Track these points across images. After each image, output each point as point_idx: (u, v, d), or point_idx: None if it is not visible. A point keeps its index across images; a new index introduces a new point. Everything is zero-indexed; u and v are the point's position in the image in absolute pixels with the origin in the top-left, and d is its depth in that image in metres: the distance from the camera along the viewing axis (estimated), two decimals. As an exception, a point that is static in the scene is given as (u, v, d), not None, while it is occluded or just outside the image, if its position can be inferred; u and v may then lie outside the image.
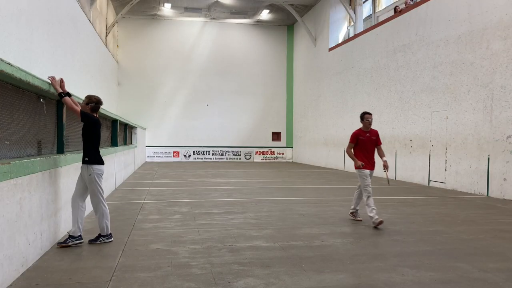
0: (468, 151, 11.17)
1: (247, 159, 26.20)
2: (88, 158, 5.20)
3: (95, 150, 5.27)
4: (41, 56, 10.39)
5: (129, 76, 24.68)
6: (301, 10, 23.52)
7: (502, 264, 4.56)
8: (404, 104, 14.22)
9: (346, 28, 20.81)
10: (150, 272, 4.13)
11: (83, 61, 15.09)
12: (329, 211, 7.85)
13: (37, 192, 4.42)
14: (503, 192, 9.97)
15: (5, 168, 3.50)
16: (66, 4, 12.63)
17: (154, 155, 25.03)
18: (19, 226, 3.92)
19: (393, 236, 5.88)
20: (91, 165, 5.17)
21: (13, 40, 8.52)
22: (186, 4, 22.92)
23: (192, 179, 14.04)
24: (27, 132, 4.73)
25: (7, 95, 4.17)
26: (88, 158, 5.19)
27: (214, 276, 4.05)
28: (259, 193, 10.53)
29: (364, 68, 17.09)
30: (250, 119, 26.37)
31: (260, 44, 26.40)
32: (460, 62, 11.61)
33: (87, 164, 5.17)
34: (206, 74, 25.70)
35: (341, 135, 19.19)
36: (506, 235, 6.00)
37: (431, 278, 4.06)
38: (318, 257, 4.76)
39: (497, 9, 10.42)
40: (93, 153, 5.23)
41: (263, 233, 5.94)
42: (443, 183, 12.10)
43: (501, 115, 10.17)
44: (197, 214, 7.42)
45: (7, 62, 3.63)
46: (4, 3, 8.04)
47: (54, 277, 3.96)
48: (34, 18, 9.82)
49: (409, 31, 13.99)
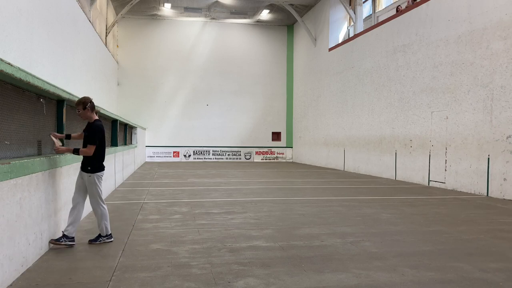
0: (468, 151, 11.17)
1: (247, 159, 26.20)
2: (91, 167, 5.12)
3: (99, 157, 5.20)
4: (41, 56, 10.38)
5: (129, 76, 24.68)
6: (301, 10, 23.52)
7: (502, 264, 4.56)
8: (404, 104, 14.21)
9: (346, 28, 20.80)
10: (150, 272, 4.13)
11: (83, 61, 15.09)
12: (329, 211, 7.85)
13: (37, 192, 4.42)
14: (503, 192, 9.97)
15: (5, 168, 3.50)
16: (66, 4, 12.63)
17: (154, 155, 25.03)
18: (19, 226, 3.92)
19: (393, 236, 5.88)
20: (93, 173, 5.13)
21: (13, 40, 8.52)
22: (186, 4, 22.92)
23: (192, 179, 14.04)
24: (27, 132, 4.73)
25: (7, 95, 4.17)
26: (91, 168, 5.12)
27: (214, 276, 4.05)
28: (259, 193, 10.53)
29: (364, 68, 17.09)
30: (250, 119, 26.37)
31: (260, 44, 26.40)
32: (460, 62, 11.61)
33: (88, 173, 5.12)
34: (206, 74, 25.70)
35: (341, 135, 19.19)
36: (506, 235, 6.00)
37: (431, 278, 4.06)
38: (318, 257, 4.76)
39: (497, 9, 10.42)
40: (96, 161, 5.16)
41: (263, 233, 5.94)
42: (443, 183, 12.10)
43: (501, 115, 10.17)
44: (197, 214, 7.42)
45: (7, 62, 3.62)
46: (4, 3, 8.04)
47: (54, 277, 3.96)
48: (34, 18, 9.82)
49: (409, 31, 13.99)
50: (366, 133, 16.82)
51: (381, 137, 15.71)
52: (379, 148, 15.79)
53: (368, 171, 16.62)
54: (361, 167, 17.24)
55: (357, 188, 11.94)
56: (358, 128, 17.51)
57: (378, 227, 6.47)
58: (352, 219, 7.13)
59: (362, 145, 17.16)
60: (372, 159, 16.30)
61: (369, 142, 16.60)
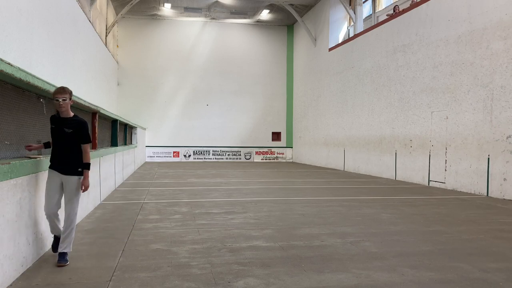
0: (468, 151, 11.17)
1: (247, 159, 26.20)
2: (81, 167, 4.41)
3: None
4: (41, 56, 10.38)
5: (129, 76, 24.69)
6: (301, 10, 23.52)
7: (502, 264, 4.56)
8: (404, 104, 14.22)
9: (346, 28, 20.81)
10: (150, 272, 4.13)
11: (83, 61, 15.09)
12: (329, 211, 7.85)
13: (37, 192, 4.43)
14: (503, 192, 9.97)
15: (5, 168, 3.50)
16: (66, 4, 12.63)
17: (154, 155, 25.03)
18: (19, 226, 3.92)
19: (393, 236, 5.88)
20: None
21: (13, 40, 8.52)
22: (186, 4, 22.92)
23: (192, 179, 14.04)
24: (27, 132, 4.73)
25: (7, 95, 4.17)
26: (81, 168, 4.41)
27: (214, 276, 4.05)
28: (259, 193, 10.53)
29: (364, 68, 17.09)
30: (250, 119, 26.37)
31: (260, 44, 26.40)
32: (460, 62, 11.61)
33: (78, 175, 4.40)
34: (206, 74, 25.70)
35: (341, 135, 19.19)
36: (506, 235, 6.00)
37: (431, 278, 4.06)
38: (318, 257, 4.76)
39: (497, 9, 10.42)
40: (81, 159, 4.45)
41: (263, 233, 5.94)
42: (443, 183, 12.10)
43: (501, 115, 10.17)
44: (197, 214, 7.42)
45: (7, 62, 3.63)
46: (4, 3, 8.04)
47: (54, 277, 3.96)
48: (34, 18, 9.82)
49: (409, 31, 13.99)
50: (366, 133, 16.82)
51: (381, 137, 15.70)
52: (379, 148, 15.79)
53: (368, 171, 16.62)
54: (361, 167, 17.23)
55: (357, 188, 11.94)
56: (358, 128, 17.50)
57: (378, 227, 6.47)
58: (352, 219, 7.13)
59: (362, 145, 17.16)
60: (372, 159, 16.30)
61: (369, 142, 16.60)
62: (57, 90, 4.32)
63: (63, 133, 4.31)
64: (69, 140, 4.33)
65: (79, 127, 4.35)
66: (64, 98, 4.27)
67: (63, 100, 4.26)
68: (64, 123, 4.33)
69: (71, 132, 4.31)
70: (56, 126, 4.34)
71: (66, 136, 4.31)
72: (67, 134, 4.31)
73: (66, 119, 4.35)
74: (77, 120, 4.41)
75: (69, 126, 4.32)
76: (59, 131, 4.32)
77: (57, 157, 4.36)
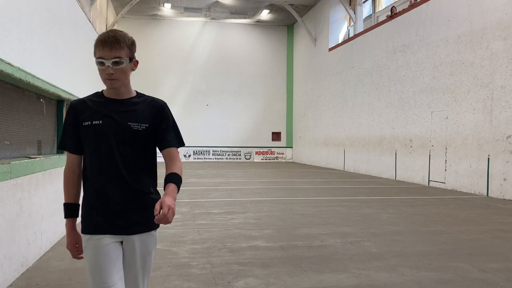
0: (468, 151, 11.17)
1: (247, 159, 26.20)
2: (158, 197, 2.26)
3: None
4: (41, 56, 10.38)
5: (129, 76, 24.66)
6: (301, 10, 23.51)
7: (502, 264, 4.55)
8: (404, 104, 14.21)
9: (346, 28, 20.81)
10: (150, 272, 4.13)
11: (83, 61, 15.09)
12: (329, 211, 7.85)
13: (37, 192, 4.42)
14: (503, 192, 9.97)
15: (5, 168, 3.50)
16: (66, 4, 12.63)
17: (154, 155, 25.02)
18: (19, 226, 3.92)
19: (393, 236, 5.87)
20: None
21: (13, 40, 8.52)
22: (186, 4, 22.92)
23: (192, 179, 14.03)
24: (27, 132, 4.73)
25: (7, 95, 4.18)
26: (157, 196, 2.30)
27: (214, 276, 4.05)
28: (259, 193, 10.53)
29: (364, 68, 17.09)
30: (250, 119, 26.36)
31: (260, 44, 26.40)
32: (460, 62, 11.61)
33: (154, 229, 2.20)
34: (206, 74, 25.69)
35: (341, 135, 19.19)
36: (506, 235, 6.00)
37: (431, 278, 4.06)
38: (318, 257, 4.76)
39: (497, 9, 10.42)
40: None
41: (263, 233, 5.94)
42: (443, 183, 12.10)
43: (501, 115, 10.17)
44: (197, 214, 7.41)
45: (7, 62, 3.63)
46: (4, 3, 8.04)
47: (54, 277, 3.96)
48: (34, 18, 9.81)
49: (409, 31, 13.98)
50: (366, 133, 16.81)
51: (381, 137, 15.70)
52: (379, 148, 15.78)
53: (368, 171, 16.62)
54: (361, 167, 17.23)
55: (357, 188, 11.94)
56: (358, 128, 17.50)
57: (378, 227, 6.47)
58: (352, 219, 7.13)
59: (362, 145, 17.16)
60: (372, 159, 16.29)
61: (369, 142, 16.60)
62: (102, 39, 2.09)
63: (127, 131, 2.06)
64: (139, 147, 2.17)
65: (160, 115, 2.24)
66: (118, 58, 2.04)
67: (116, 62, 2.04)
68: (125, 111, 2.09)
69: (145, 128, 2.12)
70: (105, 120, 2.04)
71: (132, 139, 2.10)
72: (135, 134, 2.09)
73: (125, 102, 2.15)
74: (152, 101, 2.26)
75: (139, 117, 2.10)
76: (112, 130, 2.04)
77: (105, 191, 2.07)
